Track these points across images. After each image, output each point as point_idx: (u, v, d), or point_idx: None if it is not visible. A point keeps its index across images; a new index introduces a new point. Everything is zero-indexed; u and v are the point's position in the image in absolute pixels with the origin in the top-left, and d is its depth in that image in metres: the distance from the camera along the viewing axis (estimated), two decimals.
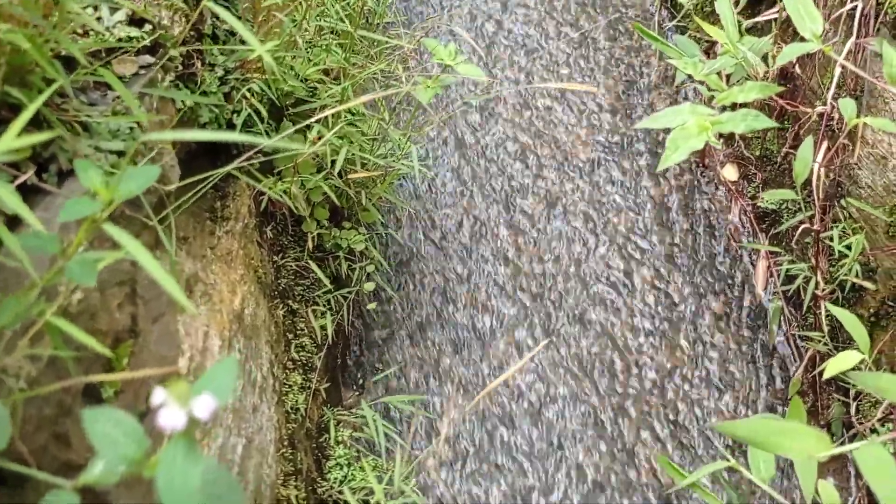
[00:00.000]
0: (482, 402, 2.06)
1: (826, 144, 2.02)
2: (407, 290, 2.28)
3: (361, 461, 1.87)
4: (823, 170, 2.00)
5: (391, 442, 1.93)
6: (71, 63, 1.15)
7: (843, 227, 2.07)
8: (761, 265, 2.35)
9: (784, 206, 2.35)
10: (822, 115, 2.05)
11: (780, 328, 2.23)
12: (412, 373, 2.14)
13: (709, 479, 1.95)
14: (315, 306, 1.95)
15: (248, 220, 1.70)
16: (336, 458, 1.88)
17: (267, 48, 1.12)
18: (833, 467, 2.02)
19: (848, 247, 2.01)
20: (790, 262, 2.22)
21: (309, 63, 1.88)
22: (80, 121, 1.09)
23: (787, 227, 2.27)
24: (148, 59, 1.31)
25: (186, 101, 1.34)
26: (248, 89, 1.59)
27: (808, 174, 1.89)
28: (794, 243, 2.25)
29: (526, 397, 2.09)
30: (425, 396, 2.08)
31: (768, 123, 1.43)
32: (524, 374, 2.13)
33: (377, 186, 2.10)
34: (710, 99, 2.34)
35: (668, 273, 2.35)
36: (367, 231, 2.11)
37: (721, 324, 2.26)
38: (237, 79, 1.59)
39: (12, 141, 0.66)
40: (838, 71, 1.98)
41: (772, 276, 2.32)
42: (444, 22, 2.73)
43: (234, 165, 1.24)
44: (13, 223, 0.96)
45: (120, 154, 1.09)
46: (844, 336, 2.02)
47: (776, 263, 2.30)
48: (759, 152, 2.52)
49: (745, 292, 2.32)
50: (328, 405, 1.97)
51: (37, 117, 1.07)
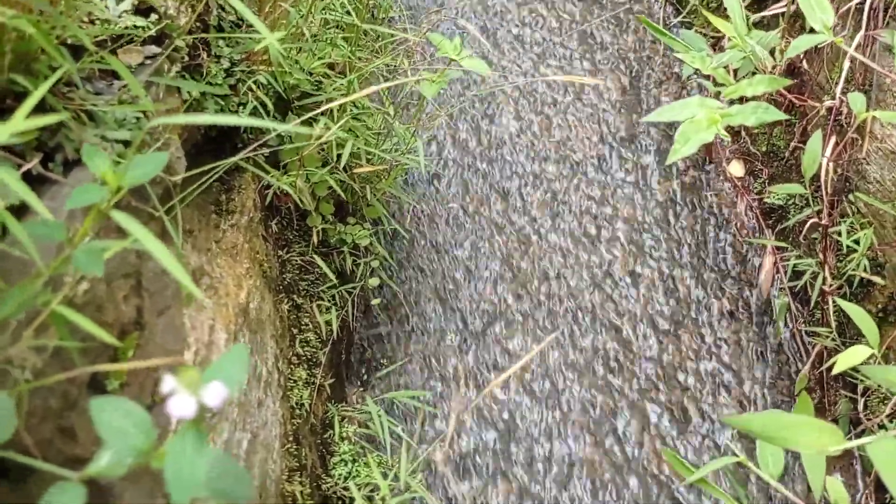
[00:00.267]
0: (487, 398, 2.05)
1: (834, 139, 2.00)
2: (412, 286, 2.26)
3: (366, 457, 1.85)
4: (832, 164, 1.99)
5: (396, 438, 1.92)
6: (77, 51, 1.14)
7: (851, 223, 2.05)
8: (768, 261, 2.33)
9: (791, 202, 2.34)
10: (830, 109, 2.04)
11: (786, 324, 2.22)
12: (417, 368, 2.13)
13: (713, 476, 1.94)
14: (320, 301, 1.94)
15: (254, 213, 1.69)
16: (341, 454, 1.87)
17: (276, 37, 1.11)
18: (839, 464, 2.01)
19: (856, 242, 2.00)
20: (797, 257, 2.21)
21: (314, 57, 1.87)
22: (86, 110, 1.08)
23: (795, 223, 2.26)
24: (154, 50, 1.30)
25: (192, 91, 1.33)
26: (255, 81, 1.58)
27: (817, 169, 1.88)
28: (802, 238, 2.24)
29: (531, 392, 2.08)
30: (430, 392, 2.07)
31: (779, 116, 1.41)
32: (529, 370, 2.11)
33: (382, 182, 2.09)
34: (717, 95, 2.33)
35: (674, 269, 2.34)
36: (371, 226, 2.10)
37: (727, 320, 2.25)
38: (243, 71, 1.58)
39: (20, 123, 0.64)
40: (847, 65, 1.96)
41: (778, 272, 2.30)
42: (449, 16, 2.71)
43: (241, 156, 1.23)
44: (20, 214, 0.95)
45: (126, 143, 1.08)
46: (852, 332, 2.00)
47: (783, 259, 2.28)
48: (765, 148, 2.51)
49: (751, 288, 2.31)
50: (333, 401, 1.96)
51: (43, 106, 1.06)
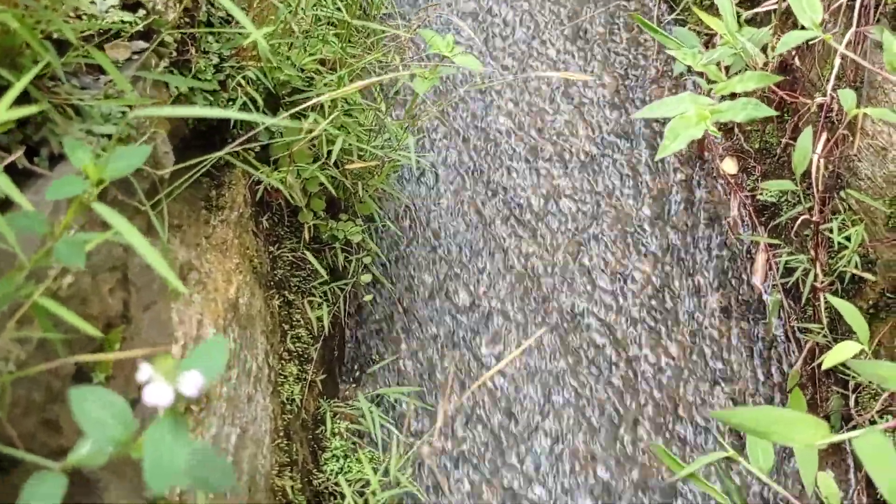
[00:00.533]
0: (477, 394, 2.05)
1: (825, 135, 2.01)
2: (404, 283, 2.26)
3: (358, 453, 1.86)
4: (823, 161, 1.99)
5: (387, 433, 1.92)
6: (62, 47, 1.14)
7: (843, 219, 2.06)
8: (760, 258, 2.34)
9: (783, 199, 2.34)
10: (821, 106, 2.04)
11: (779, 320, 2.22)
12: (408, 364, 2.13)
13: (703, 471, 1.94)
14: (311, 297, 1.94)
15: (244, 209, 1.69)
16: (332, 450, 1.87)
17: (261, 33, 1.11)
18: (832, 460, 2.01)
19: (847, 238, 2.00)
20: (789, 254, 2.21)
21: (305, 53, 1.87)
22: (72, 104, 1.08)
23: (786, 219, 2.26)
24: (141, 45, 1.30)
25: (181, 86, 1.33)
26: (244, 77, 1.58)
27: (808, 165, 1.88)
28: (794, 235, 2.24)
29: (522, 390, 2.08)
30: (421, 388, 2.07)
31: (768, 112, 1.42)
32: (520, 366, 2.11)
33: (374, 178, 2.09)
34: (709, 93, 2.33)
35: (667, 266, 2.34)
36: (363, 223, 2.10)
37: (720, 316, 2.25)
38: (232, 66, 1.58)
39: (3, 113, 0.64)
40: (838, 61, 1.96)
41: (771, 269, 2.30)
42: (442, 12, 2.71)
43: (229, 149, 1.23)
44: (4, 209, 0.95)
45: (112, 138, 1.08)
46: (843, 328, 2.01)
47: (775, 256, 2.29)
48: (758, 145, 2.51)
49: (743, 285, 2.31)
50: (324, 397, 1.96)
51: (28, 100, 1.06)
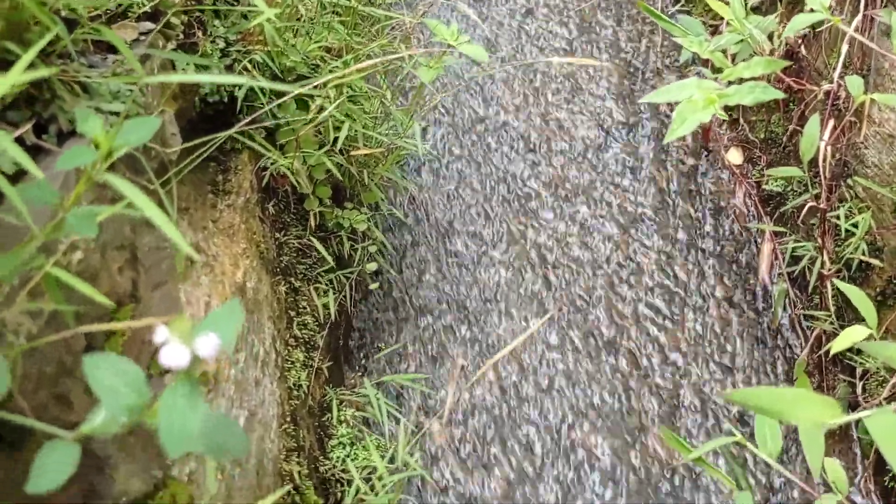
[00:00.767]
0: (486, 382, 2.05)
1: (832, 123, 2.00)
2: (409, 271, 2.26)
3: (365, 440, 1.85)
4: (830, 148, 1.99)
5: (393, 421, 1.92)
6: (71, 25, 1.14)
7: (850, 207, 2.05)
8: (766, 247, 2.33)
9: (789, 189, 2.34)
10: (828, 93, 2.04)
11: (785, 309, 2.22)
12: (414, 352, 2.12)
13: (711, 455, 1.94)
14: (317, 285, 1.93)
15: (250, 195, 1.69)
16: (339, 437, 1.87)
17: (271, 13, 1.11)
18: (839, 447, 2.01)
19: (854, 226, 2.00)
20: (795, 241, 2.20)
21: (310, 40, 1.86)
22: (80, 81, 1.08)
23: (793, 208, 2.26)
24: (148, 26, 1.30)
25: (188, 65, 1.33)
26: (251, 61, 1.58)
27: (815, 153, 1.88)
28: (800, 223, 2.24)
29: (530, 378, 2.08)
30: (428, 375, 2.07)
31: (776, 94, 1.41)
32: (527, 355, 2.11)
33: (379, 166, 2.08)
34: (715, 80, 2.32)
35: (673, 256, 2.34)
36: (369, 211, 2.09)
37: (726, 306, 2.25)
38: (239, 51, 1.58)
39: (17, 76, 0.64)
40: (845, 47, 1.96)
41: (777, 258, 2.30)
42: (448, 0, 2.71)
43: (237, 128, 1.23)
44: (13, 183, 0.94)
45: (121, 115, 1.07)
46: (850, 315, 2.00)
47: (781, 244, 2.28)
48: (763, 135, 2.50)
49: (749, 274, 2.31)
50: (331, 384, 1.96)
51: (37, 80, 1.06)
